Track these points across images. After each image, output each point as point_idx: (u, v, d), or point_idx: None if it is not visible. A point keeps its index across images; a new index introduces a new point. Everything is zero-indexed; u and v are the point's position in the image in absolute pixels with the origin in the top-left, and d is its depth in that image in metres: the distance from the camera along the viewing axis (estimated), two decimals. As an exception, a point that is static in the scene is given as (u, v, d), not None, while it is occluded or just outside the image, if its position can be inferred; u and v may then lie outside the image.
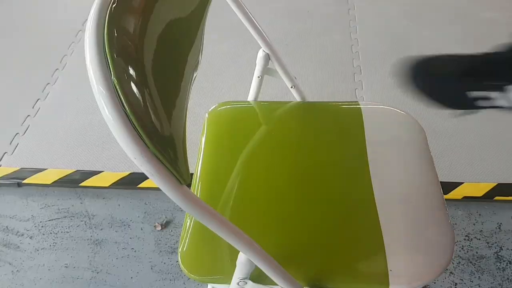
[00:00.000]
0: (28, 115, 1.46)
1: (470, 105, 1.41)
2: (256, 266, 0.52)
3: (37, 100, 1.51)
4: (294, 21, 1.74)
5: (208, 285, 0.96)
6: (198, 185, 0.72)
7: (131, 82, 0.36)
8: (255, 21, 0.73)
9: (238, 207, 0.68)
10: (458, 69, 1.54)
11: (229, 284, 0.58)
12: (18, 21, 1.88)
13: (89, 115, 1.44)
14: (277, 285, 0.55)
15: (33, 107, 1.49)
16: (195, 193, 0.71)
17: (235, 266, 0.55)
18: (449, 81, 1.49)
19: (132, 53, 0.39)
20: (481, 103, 1.41)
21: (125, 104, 0.34)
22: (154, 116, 0.38)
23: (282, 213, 0.67)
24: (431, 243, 0.62)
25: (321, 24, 1.72)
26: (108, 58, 0.35)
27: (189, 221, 0.67)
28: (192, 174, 0.75)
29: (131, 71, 0.37)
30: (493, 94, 1.43)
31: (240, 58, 1.61)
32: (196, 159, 0.77)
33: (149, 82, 0.39)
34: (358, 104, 0.82)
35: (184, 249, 0.64)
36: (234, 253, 0.54)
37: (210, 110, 0.84)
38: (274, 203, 0.69)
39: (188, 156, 0.79)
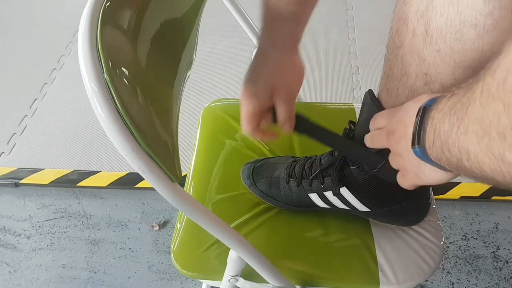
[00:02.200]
0: (26, 115, 1.46)
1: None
2: (247, 263, 0.52)
3: (35, 100, 1.51)
4: (292, 21, 1.74)
5: (203, 284, 0.96)
6: (191, 182, 0.72)
7: (124, 80, 0.36)
8: (250, 21, 0.73)
9: (230, 205, 0.68)
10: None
11: (221, 280, 0.59)
12: (15, 20, 1.88)
13: (87, 115, 1.44)
14: (268, 283, 0.56)
15: (30, 107, 1.49)
16: (188, 190, 0.71)
17: (226, 263, 0.55)
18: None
19: (125, 50, 0.39)
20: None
21: (117, 102, 0.34)
22: (146, 114, 0.38)
23: (274, 212, 0.67)
24: (421, 244, 0.62)
25: (319, 24, 1.72)
26: (101, 56, 0.35)
27: (182, 218, 0.67)
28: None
29: (124, 69, 0.37)
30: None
31: (238, 58, 1.61)
32: (192, 157, 0.77)
33: (142, 79, 0.39)
34: (352, 105, 0.83)
35: (177, 245, 0.64)
36: (225, 250, 0.54)
37: (205, 107, 0.85)
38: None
39: (186, 155, 0.79)
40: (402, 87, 0.47)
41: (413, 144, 0.37)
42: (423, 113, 0.36)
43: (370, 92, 0.54)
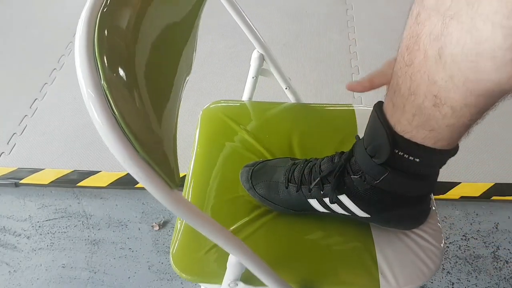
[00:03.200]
0: (26, 115, 1.46)
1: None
2: (246, 268, 0.52)
3: (35, 100, 1.51)
4: (292, 21, 1.74)
5: (201, 286, 0.96)
6: (190, 184, 0.72)
7: (121, 86, 0.36)
8: (249, 22, 0.73)
9: (229, 208, 0.68)
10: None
11: (221, 284, 0.58)
12: (15, 20, 1.88)
13: (87, 115, 1.41)
14: (268, 287, 0.55)
15: (30, 107, 1.49)
16: (187, 192, 0.71)
17: (226, 267, 0.55)
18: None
19: (123, 55, 0.39)
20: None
21: (114, 108, 0.33)
22: (144, 120, 0.37)
23: (274, 214, 0.67)
24: (421, 246, 0.62)
25: (319, 24, 1.72)
26: (98, 61, 0.35)
27: (180, 221, 0.67)
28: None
29: (122, 74, 0.37)
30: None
31: (238, 58, 1.60)
32: (191, 158, 0.77)
33: (140, 85, 0.39)
34: (352, 106, 0.82)
35: (176, 249, 0.64)
36: (225, 254, 0.54)
37: (204, 108, 0.84)
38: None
39: (186, 156, 0.79)
40: (409, 105, 0.46)
41: None
42: None
43: (378, 104, 0.53)
